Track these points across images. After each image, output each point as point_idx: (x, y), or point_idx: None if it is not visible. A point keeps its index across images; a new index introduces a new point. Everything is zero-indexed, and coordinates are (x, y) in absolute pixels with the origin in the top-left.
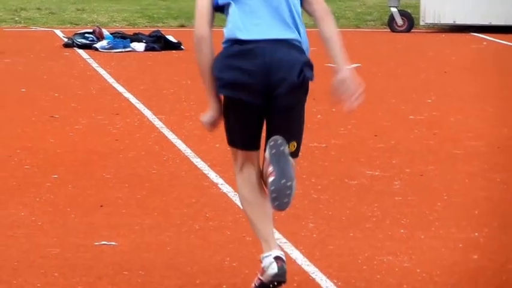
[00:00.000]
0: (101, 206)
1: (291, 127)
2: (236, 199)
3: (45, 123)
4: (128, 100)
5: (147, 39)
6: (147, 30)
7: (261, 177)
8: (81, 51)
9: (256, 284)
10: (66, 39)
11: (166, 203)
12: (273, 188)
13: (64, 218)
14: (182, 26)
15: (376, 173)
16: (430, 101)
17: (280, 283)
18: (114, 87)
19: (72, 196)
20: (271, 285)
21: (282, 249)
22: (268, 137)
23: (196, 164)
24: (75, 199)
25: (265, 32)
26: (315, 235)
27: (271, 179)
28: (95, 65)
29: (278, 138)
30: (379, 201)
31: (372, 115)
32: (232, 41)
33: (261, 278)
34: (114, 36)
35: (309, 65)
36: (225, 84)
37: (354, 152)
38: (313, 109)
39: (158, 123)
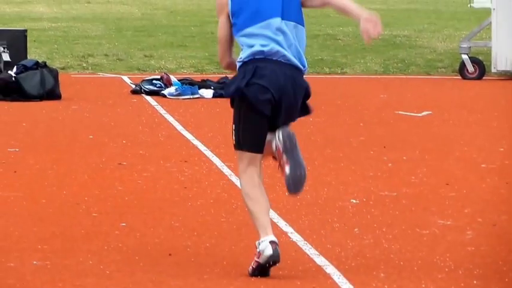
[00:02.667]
0: (170, 255)
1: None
2: (306, 248)
3: (113, 171)
4: (196, 147)
5: (215, 86)
6: (215, 77)
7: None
8: (149, 98)
9: (254, 266)
10: (133, 86)
11: (236, 252)
12: (289, 178)
13: (132, 266)
14: None
15: (448, 223)
16: (502, 149)
17: (275, 263)
18: (182, 134)
19: (141, 244)
20: (267, 265)
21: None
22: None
23: None
24: (144, 247)
25: None
26: (386, 286)
27: (287, 168)
28: (162, 111)
29: (289, 131)
30: (451, 251)
31: (443, 163)
32: None
33: (257, 260)
34: (182, 83)
35: None
36: None
37: (425, 201)
38: (384, 157)
39: (227, 171)
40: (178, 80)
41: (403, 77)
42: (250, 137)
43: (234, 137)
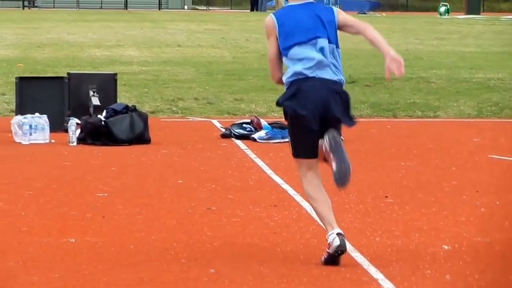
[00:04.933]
0: None
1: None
2: None
3: (202, 216)
4: (286, 192)
5: None
6: None
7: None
8: (238, 142)
9: (325, 257)
10: (223, 130)
11: None
12: (336, 173)
13: None
14: None
15: None
16: None
17: (342, 252)
18: (272, 179)
19: None
20: (335, 254)
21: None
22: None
23: (355, 258)
24: None
25: None
26: None
27: (333, 165)
28: (252, 155)
29: (333, 132)
30: None
31: None
32: None
33: (328, 251)
34: (272, 127)
35: None
36: None
37: None
38: (477, 202)
39: (316, 216)
40: (269, 124)
41: (496, 120)
42: (302, 146)
43: (290, 147)
